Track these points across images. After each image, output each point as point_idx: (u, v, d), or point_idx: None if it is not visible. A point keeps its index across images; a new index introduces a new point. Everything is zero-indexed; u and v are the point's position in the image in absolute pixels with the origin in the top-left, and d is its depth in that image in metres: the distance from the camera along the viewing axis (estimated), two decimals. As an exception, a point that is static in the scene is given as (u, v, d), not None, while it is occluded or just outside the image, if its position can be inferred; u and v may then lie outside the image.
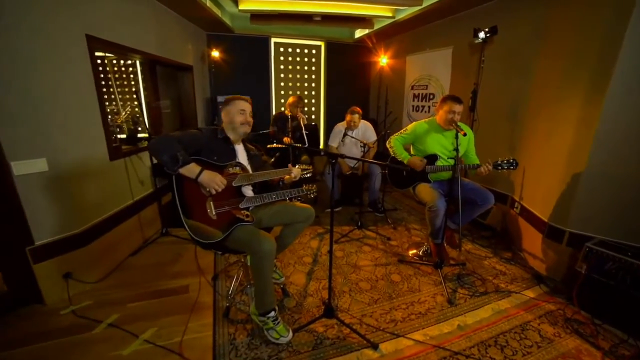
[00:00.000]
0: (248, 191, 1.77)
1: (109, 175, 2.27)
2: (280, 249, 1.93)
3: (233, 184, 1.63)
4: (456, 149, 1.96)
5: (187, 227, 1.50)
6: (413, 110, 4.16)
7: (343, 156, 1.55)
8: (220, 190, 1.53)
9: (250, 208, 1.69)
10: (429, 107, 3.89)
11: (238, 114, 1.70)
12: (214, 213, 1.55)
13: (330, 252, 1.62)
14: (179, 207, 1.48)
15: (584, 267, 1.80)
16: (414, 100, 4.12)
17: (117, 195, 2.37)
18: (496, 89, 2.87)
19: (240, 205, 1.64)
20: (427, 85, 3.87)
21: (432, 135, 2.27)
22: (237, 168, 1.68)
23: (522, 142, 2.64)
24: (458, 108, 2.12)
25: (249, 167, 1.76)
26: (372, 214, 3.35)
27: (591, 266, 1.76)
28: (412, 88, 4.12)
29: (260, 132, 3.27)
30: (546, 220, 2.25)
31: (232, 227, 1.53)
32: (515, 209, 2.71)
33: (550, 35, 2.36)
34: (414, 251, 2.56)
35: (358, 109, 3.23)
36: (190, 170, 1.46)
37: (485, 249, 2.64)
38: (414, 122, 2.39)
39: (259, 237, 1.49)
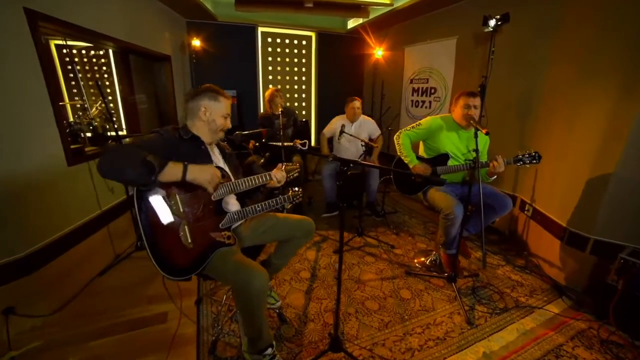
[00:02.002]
0: (231, 201, 1.44)
1: (67, 184, 1.90)
2: (276, 269, 1.64)
3: (213, 198, 1.30)
4: (476, 150, 1.72)
5: (153, 261, 1.15)
6: (412, 106, 3.90)
7: (355, 161, 1.26)
8: (216, 184, 1.24)
9: (232, 227, 1.38)
10: (430, 102, 3.64)
11: (222, 117, 1.35)
12: (189, 240, 1.20)
13: (339, 278, 1.33)
14: (144, 236, 1.13)
15: (620, 282, 1.61)
16: (413, 95, 3.86)
17: (79, 206, 2.01)
18: (505, 83, 2.65)
19: (220, 225, 1.31)
20: (427, 79, 3.62)
21: (446, 134, 2.04)
22: None
23: (535, 140, 2.44)
24: (473, 101, 1.94)
25: (229, 173, 1.42)
26: (372, 218, 3.10)
27: (630, 281, 1.57)
28: (411, 82, 3.86)
29: (250, 131, 2.94)
30: (565, 225, 2.06)
31: (211, 254, 1.23)
32: (526, 212, 2.52)
33: (567, 23, 2.15)
34: (421, 259, 2.33)
35: (356, 97, 3.06)
36: (172, 172, 1.11)
37: (496, 256, 2.44)
38: (428, 117, 2.14)
39: (247, 271, 1.15)
